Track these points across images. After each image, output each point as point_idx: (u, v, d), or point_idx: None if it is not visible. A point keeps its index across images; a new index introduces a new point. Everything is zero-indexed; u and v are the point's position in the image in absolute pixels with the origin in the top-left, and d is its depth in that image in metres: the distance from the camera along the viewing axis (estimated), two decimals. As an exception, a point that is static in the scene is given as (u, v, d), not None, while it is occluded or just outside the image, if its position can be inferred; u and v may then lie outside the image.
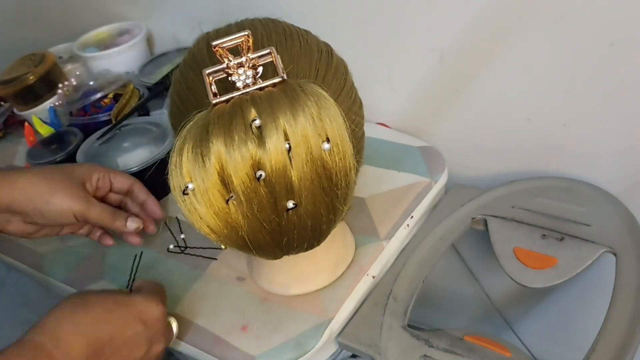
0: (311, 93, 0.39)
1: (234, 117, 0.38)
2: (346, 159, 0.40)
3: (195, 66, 0.48)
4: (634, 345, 0.50)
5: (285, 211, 0.40)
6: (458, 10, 0.63)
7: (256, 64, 0.41)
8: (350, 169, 0.41)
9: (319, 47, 0.49)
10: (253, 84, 0.40)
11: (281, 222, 0.41)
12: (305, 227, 0.42)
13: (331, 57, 0.50)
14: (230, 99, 0.40)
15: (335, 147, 0.39)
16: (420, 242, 0.65)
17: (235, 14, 0.54)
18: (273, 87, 0.40)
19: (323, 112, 0.39)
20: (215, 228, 0.41)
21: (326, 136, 0.39)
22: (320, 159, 0.39)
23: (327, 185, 0.40)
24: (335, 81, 0.48)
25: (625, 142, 0.63)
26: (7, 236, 0.70)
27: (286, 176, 0.39)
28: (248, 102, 0.39)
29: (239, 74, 0.40)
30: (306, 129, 0.38)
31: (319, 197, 0.41)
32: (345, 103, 0.49)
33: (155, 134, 0.76)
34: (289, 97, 0.39)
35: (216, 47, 0.39)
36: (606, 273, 0.58)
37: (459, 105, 0.71)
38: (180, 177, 0.40)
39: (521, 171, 0.72)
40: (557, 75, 0.62)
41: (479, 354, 0.53)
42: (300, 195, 0.40)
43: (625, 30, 0.56)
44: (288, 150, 0.38)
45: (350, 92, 0.50)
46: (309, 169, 0.39)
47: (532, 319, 0.83)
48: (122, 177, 0.63)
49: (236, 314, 0.58)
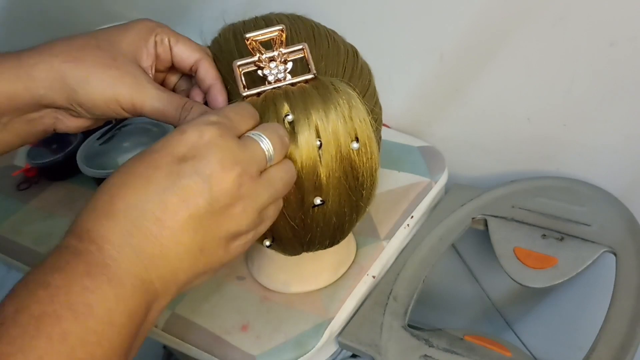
0: (343, 92, 0.39)
1: (266, 110, 0.38)
2: (373, 159, 0.41)
3: (222, 56, 0.47)
4: (634, 345, 0.50)
5: (312, 207, 0.40)
6: (458, 10, 0.63)
7: (287, 59, 0.41)
8: (376, 169, 0.41)
9: (345, 47, 0.49)
10: (284, 79, 0.40)
11: (306, 219, 0.41)
12: (329, 224, 0.42)
13: (357, 57, 0.50)
14: (262, 93, 0.40)
15: (364, 146, 0.40)
16: (420, 242, 0.65)
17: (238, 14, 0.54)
18: (305, 84, 0.40)
19: (354, 111, 0.39)
20: None
21: (355, 135, 0.39)
22: (348, 158, 0.39)
23: (354, 185, 0.41)
24: (360, 82, 0.48)
25: (625, 142, 0.63)
26: (6, 236, 0.70)
27: (315, 173, 0.39)
28: (281, 97, 0.39)
29: (270, 68, 0.40)
30: (337, 127, 0.38)
31: (345, 196, 0.41)
32: (369, 104, 0.48)
33: (155, 134, 0.76)
34: (321, 94, 0.39)
35: (249, 39, 0.39)
36: (606, 273, 0.58)
37: (459, 105, 0.71)
38: None
39: (521, 171, 0.72)
40: (557, 75, 0.63)
41: (479, 354, 0.53)
42: (327, 193, 0.40)
43: (625, 30, 0.56)
44: (319, 147, 0.38)
45: (373, 94, 0.51)
46: (337, 166, 0.39)
47: (532, 319, 0.83)
48: (185, 47, 0.44)
49: (236, 313, 0.58)
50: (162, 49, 0.43)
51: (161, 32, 0.43)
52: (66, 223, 0.79)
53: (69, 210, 0.76)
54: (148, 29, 0.43)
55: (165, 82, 0.46)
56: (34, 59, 0.40)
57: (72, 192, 0.79)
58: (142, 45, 0.42)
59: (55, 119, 0.43)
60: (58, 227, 0.73)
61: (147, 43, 0.42)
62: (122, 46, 0.41)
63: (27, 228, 0.74)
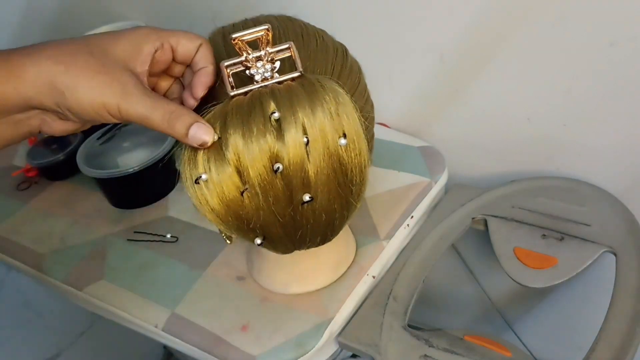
0: (329, 89, 0.40)
1: (253, 109, 0.39)
2: (361, 155, 0.40)
3: None
4: (634, 345, 0.50)
5: (301, 204, 0.40)
6: (458, 10, 0.63)
7: (274, 58, 0.41)
8: (365, 165, 0.41)
9: (334, 46, 0.49)
10: (271, 78, 0.40)
11: (296, 216, 0.42)
12: (319, 221, 0.42)
13: (346, 56, 0.50)
14: (249, 92, 0.40)
15: (352, 143, 0.40)
16: (420, 242, 0.65)
17: (236, 16, 0.54)
18: (292, 82, 0.40)
19: (341, 108, 0.39)
20: (226, 219, 0.41)
21: (343, 132, 0.39)
22: (336, 154, 0.39)
23: (343, 181, 0.41)
24: (350, 80, 0.49)
25: (625, 142, 0.63)
26: (6, 236, 0.70)
27: (303, 170, 0.39)
28: (267, 95, 0.39)
29: (257, 67, 0.41)
30: (324, 123, 0.38)
31: (334, 192, 0.41)
32: (359, 102, 0.49)
33: (155, 133, 0.76)
34: (307, 91, 0.39)
35: (236, 39, 0.39)
36: (606, 273, 0.58)
37: (459, 105, 0.71)
38: (194, 167, 0.40)
39: (521, 171, 0.72)
40: (557, 75, 0.63)
41: (479, 354, 0.53)
42: (316, 189, 0.40)
43: (625, 30, 0.56)
44: (306, 144, 0.38)
45: (363, 92, 0.51)
46: (325, 163, 0.39)
47: (532, 319, 0.83)
48: (187, 40, 0.43)
49: (236, 313, 0.58)
50: (160, 53, 0.43)
51: (158, 38, 0.42)
52: (66, 223, 0.80)
53: (69, 210, 0.76)
54: (143, 36, 0.42)
55: (157, 88, 0.46)
56: (23, 60, 0.40)
57: (72, 192, 0.79)
58: (136, 52, 0.42)
59: (42, 121, 0.43)
60: (58, 227, 0.73)
61: (141, 50, 0.42)
62: (115, 53, 0.41)
63: (27, 228, 0.74)
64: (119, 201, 0.74)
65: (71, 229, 0.73)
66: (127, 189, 0.72)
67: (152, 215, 0.72)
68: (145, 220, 0.71)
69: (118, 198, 0.74)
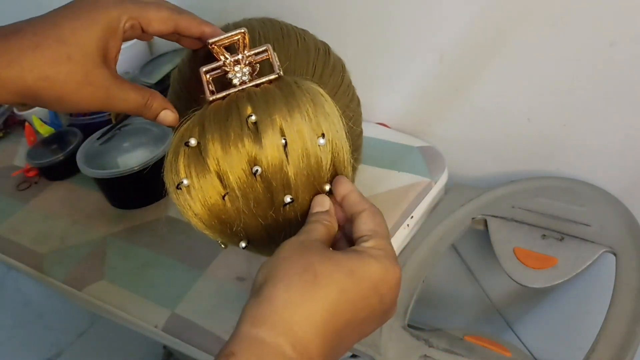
0: (307, 90, 0.40)
1: (230, 113, 0.39)
2: (342, 154, 0.40)
3: (193, 64, 0.48)
4: (634, 345, 0.50)
5: (282, 206, 0.40)
6: (458, 10, 0.63)
7: (253, 61, 0.41)
8: (347, 164, 0.41)
9: (316, 46, 0.49)
10: (250, 81, 0.40)
11: (278, 218, 0.42)
12: (302, 222, 0.42)
13: (328, 55, 0.50)
14: (227, 96, 0.40)
15: (331, 142, 0.39)
16: (420, 242, 0.65)
17: (237, 14, 0.54)
18: (269, 84, 0.40)
19: (318, 108, 0.39)
20: (210, 224, 0.41)
21: (321, 132, 0.39)
22: (315, 155, 0.39)
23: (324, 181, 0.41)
24: (332, 79, 0.48)
25: (625, 142, 0.63)
26: (6, 236, 0.70)
27: (282, 172, 0.39)
28: (244, 99, 0.39)
29: (235, 71, 0.41)
30: (301, 124, 0.38)
31: (315, 193, 0.41)
32: (342, 100, 0.49)
33: (155, 134, 0.76)
34: (284, 93, 0.39)
35: (212, 44, 0.40)
36: (606, 273, 0.58)
37: (459, 105, 0.71)
38: (176, 173, 0.40)
39: (521, 171, 0.72)
40: (557, 75, 0.63)
41: (479, 354, 0.53)
42: (296, 191, 0.40)
43: (625, 30, 0.56)
44: (284, 146, 0.38)
45: (347, 90, 0.50)
46: (304, 164, 0.39)
47: (532, 319, 0.83)
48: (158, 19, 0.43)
49: (236, 314, 0.57)
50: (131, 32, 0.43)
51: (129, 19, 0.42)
52: (66, 223, 0.80)
53: (68, 210, 0.76)
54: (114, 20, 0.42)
55: None
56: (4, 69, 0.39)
57: (72, 192, 0.79)
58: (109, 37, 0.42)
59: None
60: (58, 227, 0.73)
61: (115, 34, 0.42)
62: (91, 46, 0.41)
63: (27, 228, 0.74)
64: (119, 201, 0.74)
65: (71, 229, 0.73)
66: (127, 189, 0.72)
67: (152, 215, 0.72)
68: (145, 220, 0.71)
69: (118, 198, 0.74)
